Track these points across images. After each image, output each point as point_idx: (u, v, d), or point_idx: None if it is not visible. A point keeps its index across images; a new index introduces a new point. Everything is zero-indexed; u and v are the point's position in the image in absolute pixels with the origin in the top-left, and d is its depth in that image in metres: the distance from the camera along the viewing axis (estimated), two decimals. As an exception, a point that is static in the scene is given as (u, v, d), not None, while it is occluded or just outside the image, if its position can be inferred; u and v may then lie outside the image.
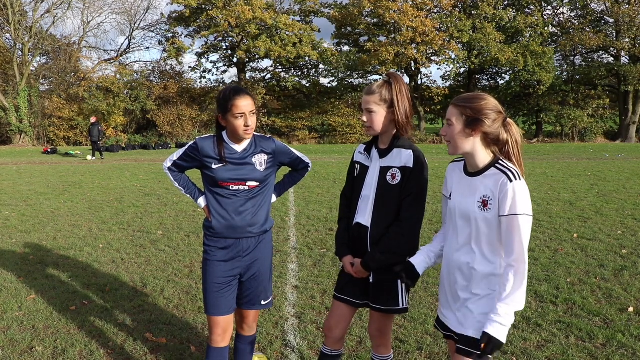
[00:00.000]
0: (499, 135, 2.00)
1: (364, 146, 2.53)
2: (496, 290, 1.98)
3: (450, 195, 2.16)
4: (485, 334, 1.91)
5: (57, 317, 3.99)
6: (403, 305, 2.42)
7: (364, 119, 2.39)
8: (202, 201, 2.71)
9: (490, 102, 1.99)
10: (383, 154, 2.39)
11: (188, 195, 2.76)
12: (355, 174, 2.52)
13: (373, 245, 2.37)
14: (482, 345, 1.90)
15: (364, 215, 2.41)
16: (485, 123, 1.96)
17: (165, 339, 3.60)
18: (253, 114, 2.52)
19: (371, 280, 2.41)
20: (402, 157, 2.32)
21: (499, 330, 1.90)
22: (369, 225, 2.38)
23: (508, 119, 2.02)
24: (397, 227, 2.32)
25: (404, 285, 2.41)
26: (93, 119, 21.15)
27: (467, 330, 2.05)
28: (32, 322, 3.90)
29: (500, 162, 1.98)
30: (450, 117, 2.03)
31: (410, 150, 2.32)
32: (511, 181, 1.90)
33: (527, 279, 5.18)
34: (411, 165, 2.29)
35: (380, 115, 2.34)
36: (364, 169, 2.47)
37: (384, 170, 2.36)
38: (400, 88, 2.33)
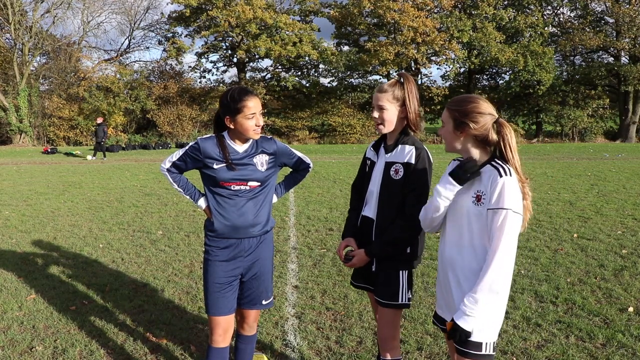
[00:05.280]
0: (487, 137, 2.05)
1: (374, 143, 2.66)
2: None
3: None
4: (452, 320, 1.98)
5: (57, 317, 3.99)
6: (402, 300, 2.46)
7: (375, 115, 2.49)
8: (202, 202, 2.70)
9: (480, 105, 2.05)
10: (389, 149, 2.51)
11: (187, 197, 2.74)
12: (367, 169, 2.65)
13: (377, 237, 2.49)
14: (448, 327, 1.98)
15: (370, 209, 2.54)
16: (470, 126, 2.04)
17: (165, 339, 3.60)
18: (261, 113, 2.57)
19: (373, 269, 2.52)
20: (405, 153, 2.43)
21: (463, 319, 1.95)
22: (374, 218, 2.50)
23: (500, 120, 2.06)
24: (401, 220, 2.41)
25: (405, 279, 2.48)
26: (99, 120, 21.18)
27: (448, 316, 2.11)
28: (32, 322, 3.90)
29: (495, 160, 2.05)
30: (443, 119, 2.15)
31: (413, 147, 2.43)
32: (501, 176, 1.96)
33: (527, 278, 5.16)
34: (413, 161, 2.40)
35: (391, 113, 2.46)
36: (373, 164, 2.59)
37: (388, 165, 2.47)
38: (411, 88, 2.46)
